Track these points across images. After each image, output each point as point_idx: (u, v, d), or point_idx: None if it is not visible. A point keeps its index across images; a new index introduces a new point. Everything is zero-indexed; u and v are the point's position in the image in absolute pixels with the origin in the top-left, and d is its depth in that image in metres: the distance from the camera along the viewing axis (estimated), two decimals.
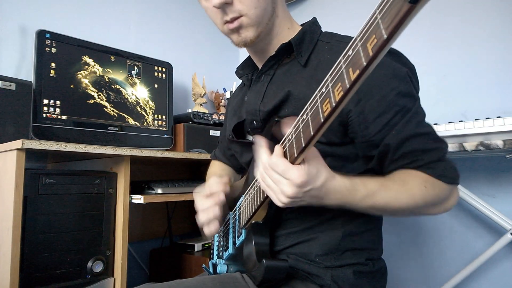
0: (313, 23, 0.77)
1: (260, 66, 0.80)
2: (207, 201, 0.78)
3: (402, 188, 0.61)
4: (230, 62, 2.37)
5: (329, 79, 0.40)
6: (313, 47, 0.72)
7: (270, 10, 0.72)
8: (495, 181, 1.44)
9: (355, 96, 0.63)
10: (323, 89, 0.41)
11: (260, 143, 0.59)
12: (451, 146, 1.14)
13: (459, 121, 1.14)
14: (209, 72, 2.18)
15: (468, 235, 1.50)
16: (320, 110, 0.41)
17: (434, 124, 1.20)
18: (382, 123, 0.62)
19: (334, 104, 0.38)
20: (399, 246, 1.68)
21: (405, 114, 0.62)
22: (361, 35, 0.34)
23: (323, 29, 0.77)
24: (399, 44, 0.72)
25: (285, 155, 0.55)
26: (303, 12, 2.10)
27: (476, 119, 1.11)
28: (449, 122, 1.16)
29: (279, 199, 0.56)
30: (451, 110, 1.53)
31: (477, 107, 1.46)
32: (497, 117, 1.09)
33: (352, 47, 0.35)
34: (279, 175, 0.54)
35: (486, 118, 1.10)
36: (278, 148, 0.56)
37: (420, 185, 0.61)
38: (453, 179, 0.63)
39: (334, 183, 0.57)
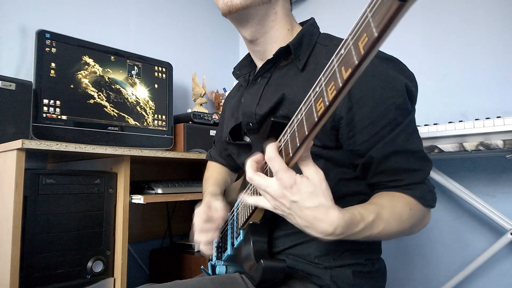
0: (312, 24, 0.76)
1: (258, 66, 0.80)
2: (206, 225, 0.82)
3: (394, 215, 0.59)
4: (230, 62, 2.37)
5: (323, 78, 0.40)
6: (311, 50, 0.72)
7: None
8: (495, 181, 1.43)
9: (348, 103, 0.62)
10: (317, 89, 0.41)
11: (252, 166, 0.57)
12: (451, 146, 1.14)
13: (459, 121, 1.14)
14: (209, 72, 2.19)
15: (468, 235, 1.49)
16: (314, 110, 0.41)
17: (434, 124, 1.20)
18: (369, 134, 0.62)
19: (327, 103, 0.38)
20: (398, 246, 1.67)
21: (395, 127, 0.61)
22: (353, 33, 0.34)
23: (323, 30, 0.77)
24: (400, 44, 0.72)
25: (280, 155, 0.54)
26: (303, 12, 2.10)
27: (476, 119, 1.11)
28: (449, 122, 1.16)
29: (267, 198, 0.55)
30: (451, 110, 1.53)
31: (477, 107, 1.46)
32: (497, 117, 1.09)
33: (344, 46, 0.35)
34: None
35: (486, 118, 1.09)
36: (273, 153, 0.53)
37: (406, 209, 0.61)
38: (431, 202, 0.63)
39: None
